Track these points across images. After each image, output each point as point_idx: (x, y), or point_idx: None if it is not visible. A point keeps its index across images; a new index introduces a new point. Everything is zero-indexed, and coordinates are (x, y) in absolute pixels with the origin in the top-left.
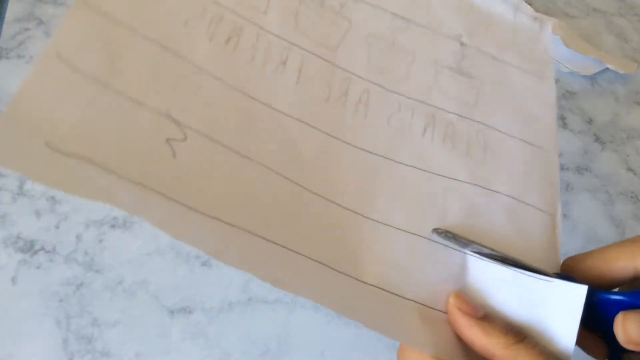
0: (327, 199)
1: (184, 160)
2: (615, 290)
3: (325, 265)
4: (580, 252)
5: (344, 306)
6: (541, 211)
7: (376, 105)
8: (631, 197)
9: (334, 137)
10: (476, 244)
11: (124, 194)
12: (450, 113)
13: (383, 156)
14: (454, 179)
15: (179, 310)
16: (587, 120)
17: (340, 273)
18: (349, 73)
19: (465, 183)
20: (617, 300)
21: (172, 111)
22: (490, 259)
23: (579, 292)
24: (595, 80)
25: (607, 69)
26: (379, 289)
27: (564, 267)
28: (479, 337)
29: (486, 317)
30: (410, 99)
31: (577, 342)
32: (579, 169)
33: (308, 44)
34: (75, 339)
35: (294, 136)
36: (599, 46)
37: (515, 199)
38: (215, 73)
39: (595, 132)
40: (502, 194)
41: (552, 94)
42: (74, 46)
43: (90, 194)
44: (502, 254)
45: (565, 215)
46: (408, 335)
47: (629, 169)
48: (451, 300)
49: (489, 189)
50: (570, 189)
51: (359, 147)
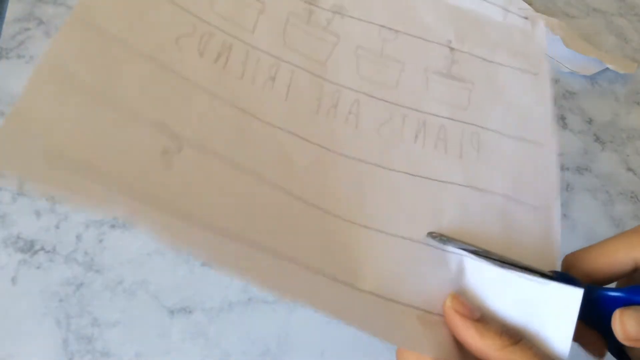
0: (322, 208)
1: (179, 172)
2: (614, 284)
3: (322, 275)
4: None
5: (342, 313)
6: (536, 208)
7: (366, 115)
8: (631, 197)
9: (325, 148)
10: (471, 246)
11: (119, 203)
12: (442, 117)
13: (375, 164)
14: (448, 182)
15: (179, 310)
16: (587, 120)
17: (338, 281)
18: (338, 86)
19: (459, 186)
20: (615, 296)
21: (167, 122)
22: (486, 260)
23: (575, 295)
24: (595, 80)
25: (607, 69)
26: (376, 295)
27: (564, 264)
28: (475, 339)
29: (482, 319)
30: (401, 106)
31: (575, 338)
32: (579, 169)
33: (297, 59)
34: (75, 339)
35: (287, 148)
36: (599, 46)
37: (510, 198)
38: (207, 87)
39: (595, 132)
40: (497, 193)
41: (548, 89)
42: (70, 58)
43: (86, 202)
44: (498, 255)
45: (565, 215)
46: (407, 339)
47: (629, 169)
48: (448, 302)
49: (483, 190)
50: (570, 189)
51: (351, 157)
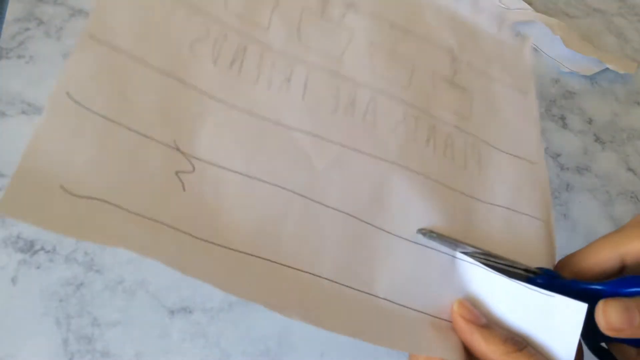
0: (342, 211)
1: (193, 192)
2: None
3: (339, 283)
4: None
5: (356, 329)
6: (536, 219)
7: (383, 114)
8: (631, 197)
9: (345, 147)
10: (460, 243)
11: (135, 236)
12: (448, 124)
13: (394, 162)
14: (456, 190)
15: (179, 310)
16: (587, 120)
17: (354, 289)
18: (354, 82)
19: (464, 195)
20: (598, 290)
21: (179, 143)
22: (479, 257)
23: (579, 309)
24: (595, 80)
25: (607, 69)
26: (390, 302)
27: (557, 268)
28: (480, 344)
29: (487, 325)
30: (414, 107)
31: None
32: (579, 169)
33: (312, 56)
34: (75, 339)
35: (306, 149)
36: (599, 46)
37: (511, 209)
38: (221, 97)
39: (595, 132)
40: (498, 205)
41: (535, 110)
42: (82, 83)
43: (104, 240)
44: (485, 250)
45: (565, 215)
46: (420, 345)
47: (629, 169)
48: (454, 308)
49: (486, 202)
50: (570, 189)
51: (371, 155)
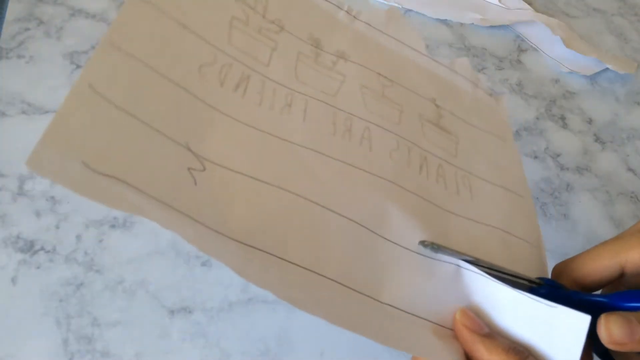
0: (345, 216)
1: (205, 188)
2: (600, 291)
3: (344, 286)
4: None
5: (361, 325)
6: (529, 243)
7: (378, 141)
8: (631, 197)
9: (347, 164)
10: (462, 254)
11: (155, 211)
12: (439, 158)
13: (391, 181)
14: (451, 213)
15: (179, 310)
16: (587, 120)
17: (359, 293)
18: (350, 114)
19: (459, 217)
20: (600, 302)
21: (191, 145)
22: (482, 267)
23: (582, 320)
24: (595, 80)
25: (607, 69)
26: (394, 308)
27: (553, 273)
28: (482, 354)
29: (490, 335)
30: (405, 139)
31: None
32: (579, 169)
33: (309, 91)
34: (75, 339)
35: (310, 163)
36: (599, 46)
37: (505, 231)
38: (228, 113)
39: (595, 132)
40: (493, 227)
41: (516, 153)
42: (103, 79)
43: (126, 208)
44: (487, 262)
45: (565, 215)
46: (422, 348)
47: (629, 169)
48: (457, 317)
49: (480, 222)
50: (570, 189)
51: (370, 173)
